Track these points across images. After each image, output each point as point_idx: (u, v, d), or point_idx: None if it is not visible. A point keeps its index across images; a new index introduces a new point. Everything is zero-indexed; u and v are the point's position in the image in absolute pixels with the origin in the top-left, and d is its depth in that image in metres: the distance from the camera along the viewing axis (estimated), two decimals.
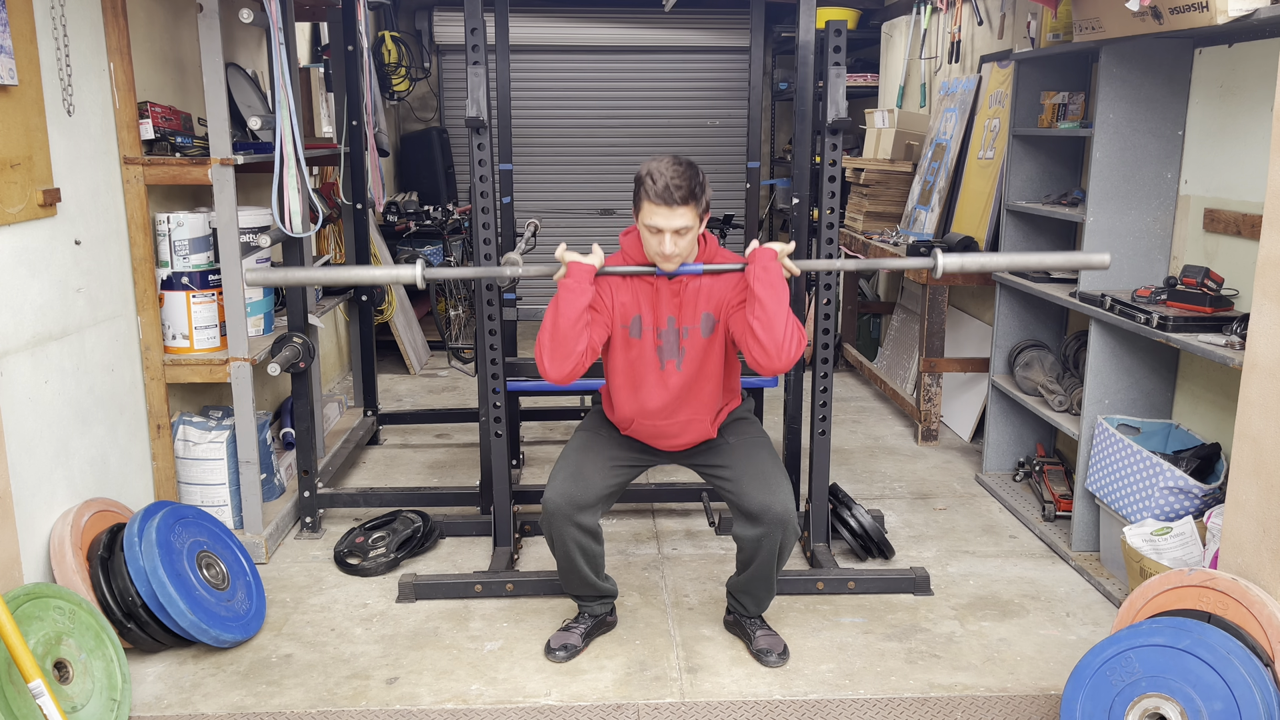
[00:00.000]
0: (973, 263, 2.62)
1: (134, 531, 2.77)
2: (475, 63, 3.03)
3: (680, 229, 2.54)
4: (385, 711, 2.61)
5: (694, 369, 2.72)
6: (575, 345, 2.55)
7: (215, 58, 3.12)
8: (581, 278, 2.59)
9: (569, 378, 2.58)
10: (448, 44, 7.38)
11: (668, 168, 2.51)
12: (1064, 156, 4.01)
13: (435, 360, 6.43)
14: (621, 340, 2.72)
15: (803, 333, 2.56)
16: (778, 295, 2.52)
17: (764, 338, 2.50)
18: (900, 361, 5.52)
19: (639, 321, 2.70)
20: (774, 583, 2.83)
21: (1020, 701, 2.66)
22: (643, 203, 2.54)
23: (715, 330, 2.69)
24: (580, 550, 2.75)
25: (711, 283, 2.68)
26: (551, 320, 2.57)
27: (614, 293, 2.70)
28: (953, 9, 4.99)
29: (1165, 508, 2.99)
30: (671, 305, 2.69)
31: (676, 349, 2.70)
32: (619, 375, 2.77)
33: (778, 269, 2.56)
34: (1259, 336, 2.32)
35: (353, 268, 2.69)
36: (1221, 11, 2.67)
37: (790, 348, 2.51)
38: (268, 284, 2.70)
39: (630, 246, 2.73)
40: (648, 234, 2.58)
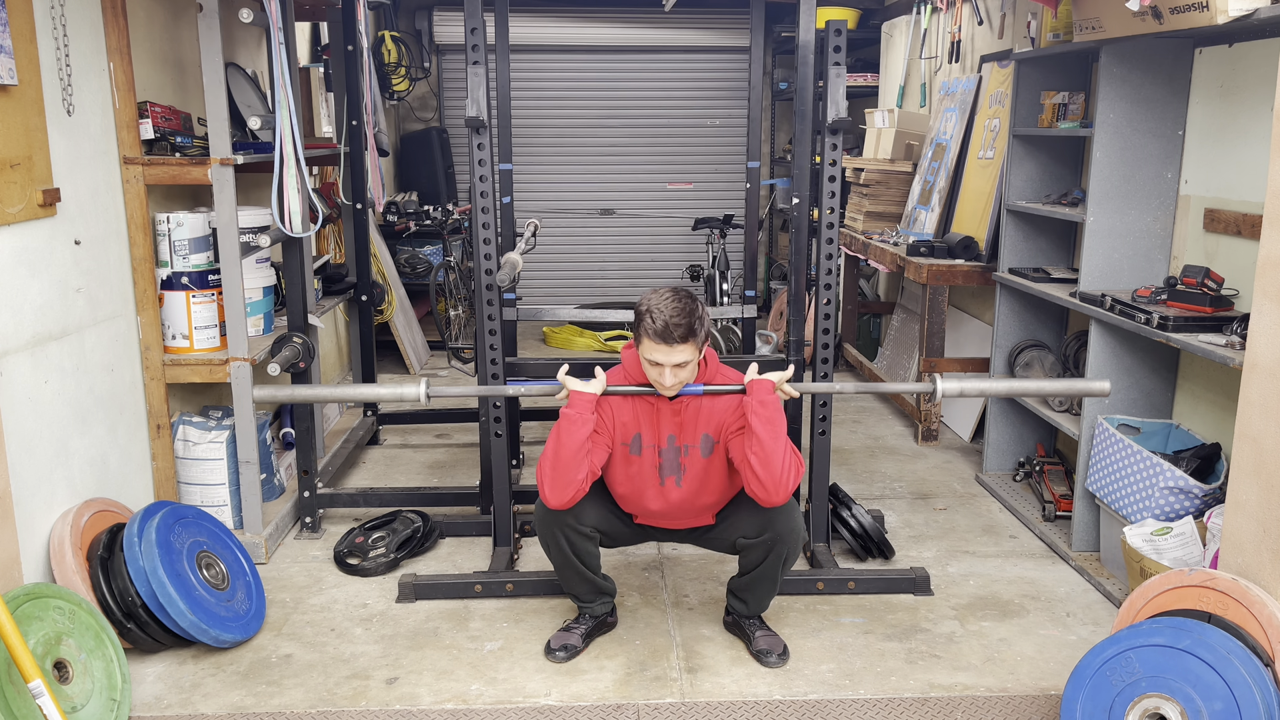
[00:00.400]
0: (973, 388, 2.66)
1: (134, 531, 2.77)
2: (475, 63, 3.03)
3: (680, 363, 2.58)
4: (385, 711, 2.61)
5: (695, 486, 2.76)
6: (576, 474, 2.60)
7: (215, 58, 3.12)
8: (583, 407, 2.62)
9: (570, 504, 2.63)
10: (448, 44, 7.38)
11: (667, 305, 2.55)
12: (1064, 156, 4.01)
13: (435, 360, 6.43)
14: (622, 457, 2.76)
15: (800, 463, 2.61)
16: (775, 431, 2.57)
17: (762, 475, 2.56)
18: (900, 361, 5.52)
19: (639, 440, 2.74)
20: (778, 585, 2.84)
21: (1020, 701, 2.66)
22: (643, 338, 2.59)
23: (715, 451, 2.73)
24: (574, 550, 2.76)
25: (711, 403, 2.72)
26: (554, 449, 2.61)
27: (615, 412, 2.74)
28: (953, 9, 4.99)
29: (1165, 508, 2.99)
30: (672, 424, 2.73)
31: (677, 466, 2.75)
32: (620, 486, 2.81)
33: (775, 401, 2.60)
34: (1259, 336, 2.32)
35: (359, 386, 2.81)
36: (1221, 11, 2.67)
37: (787, 482, 2.57)
38: (276, 402, 2.76)
39: (631, 363, 2.75)
40: (648, 365, 2.62)
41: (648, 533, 2.93)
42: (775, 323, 6.60)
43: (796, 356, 3.40)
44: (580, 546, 2.76)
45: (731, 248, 7.28)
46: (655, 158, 7.76)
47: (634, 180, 7.79)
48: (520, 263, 3.52)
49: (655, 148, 7.74)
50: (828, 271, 3.22)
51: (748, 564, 2.80)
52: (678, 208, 7.82)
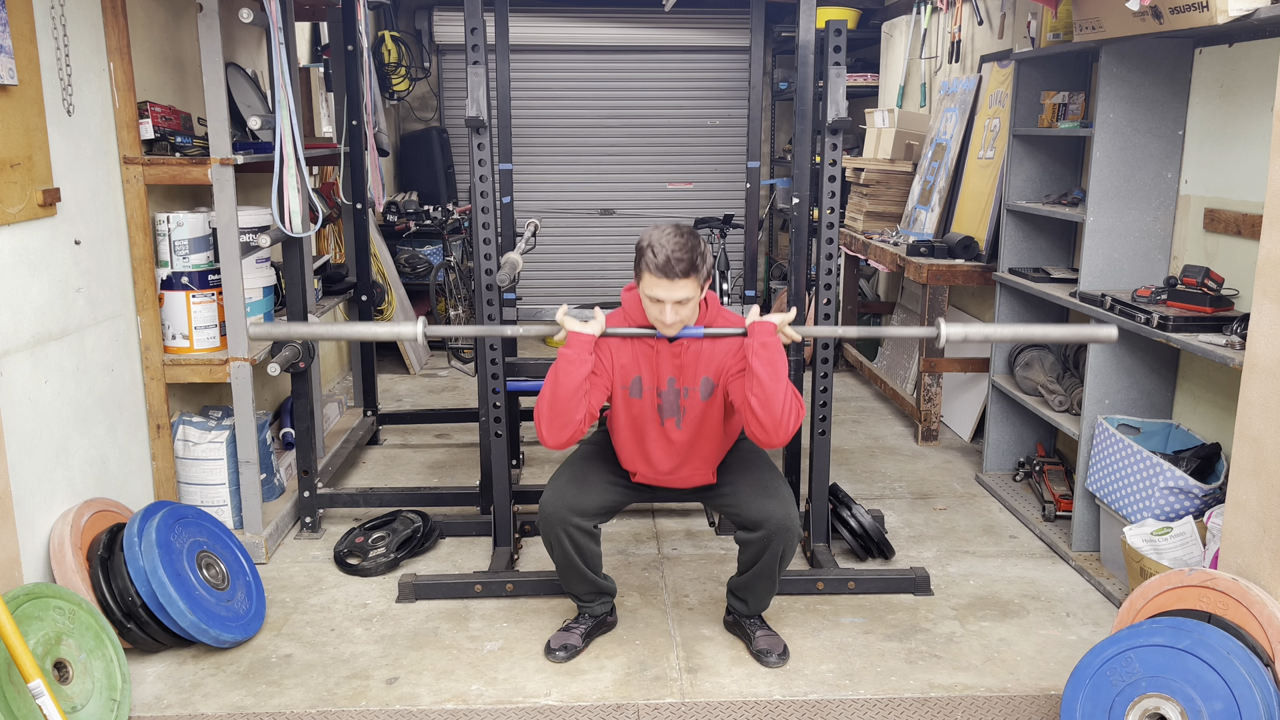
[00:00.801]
0: (976, 333, 2.63)
1: (134, 531, 2.77)
2: (475, 63, 3.03)
3: (681, 300, 2.55)
4: (385, 711, 2.61)
5: (694, 428, 2.75)
6: (574, 415, 2.57)
7: (215, 58, 3.12)
8: (582, 348, 2.59)
9: (567, 444, 2.62)
10: (448, 44, 7.38)
11: (669, 239, 2.52)
12: (1064, 156, 4.01)
13: (435, 360, 6.44)
14: (622, 399, 2.75)
15: (801, 405, 2.58)
16: (776, 372, 2.53)
17: (762, 416, 2.53)
18: (900, 361, 5.52)
19: (639, 382, 2.72)
20: (776, 583, 2.84)
21: (1020, 701, 2.66)
22: (644, 273, 2.55)
23: (714, 394, 2.72)
24: (577, 549, 2.75)
25: (712, 346, 2.69)
26: (551, 389, 2.58)
27: (614, 354, 2.71)
28: (953, 9, 4.99)
29: (1165, 508, 2.99)
30: (672, 366, 2.71)
31: (677, 408, 2.73)
32: (622, 430, 2.79)
33: (776, 343, 2.57)
34: (1259, 336, 2.32)
35: (354, 324, 2.75)
36: (1221, 11, 2.67)
37: (788, 424, 2.54)
38: (271, 338, 2.73)
39: (631, 305, 2.73)
40: (649, 302, 2.59)
41: (651, 492, 2.90)
42: None
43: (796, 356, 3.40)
44: (583, 545, 2.75)
45: (731, 248, 7.28)
46: (655, 158, 7.76)
47: (634, 180, 7.79)
48: (520, 263, 3.52)
49: (655, 148, 7.74)
50: (828, 271, 3.22)
51: (745, 561, 2.80)
52: (678, 208, 7.82)
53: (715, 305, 2.74)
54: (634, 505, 3.86)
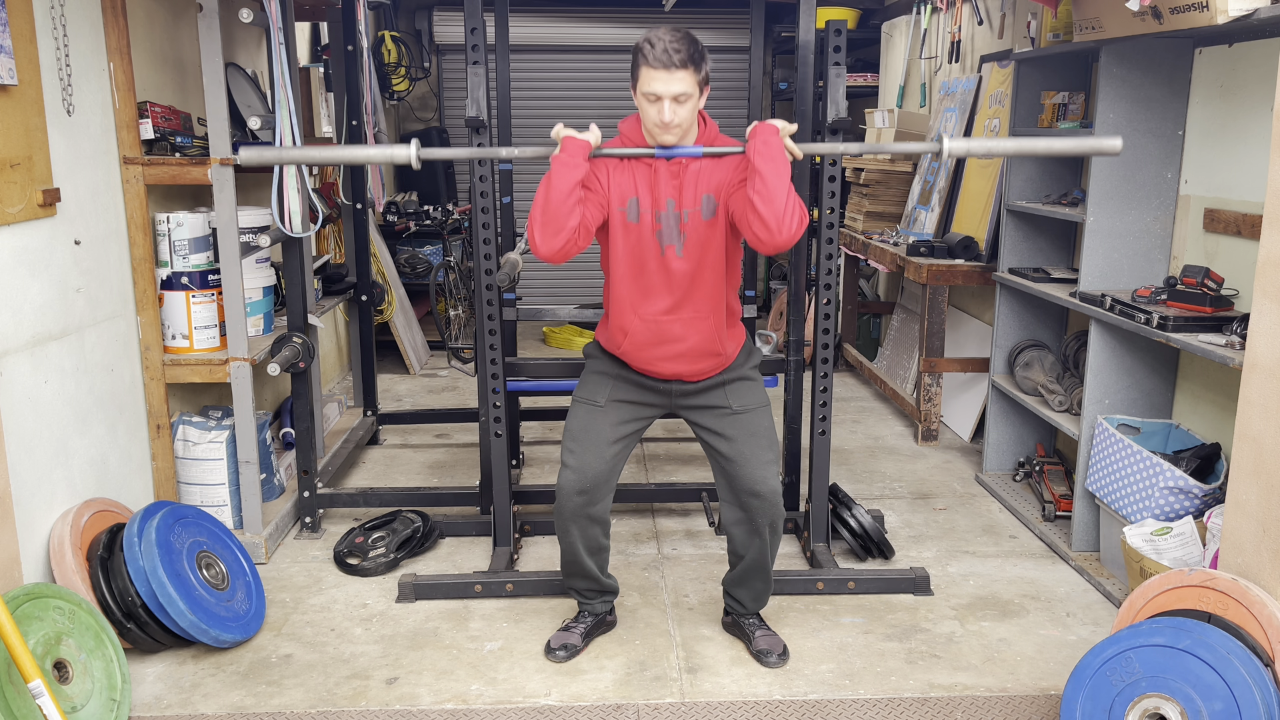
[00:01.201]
0: (979, 147, 2.58)
1: (134, 531, 2.77)
2: (475, 63, 3.03)
3: (679, 95, 2.45)
4: (385, 711, 2.61)
5: (696, 255, 2.60)
6: (567, 220, 2.45)
7: (215, 58, 3.12)
8: (576, 152, 2.51)
9: (560, 254, 2.48)
10: (448, 44, 7.38)
11: (667, 34, 2.44)
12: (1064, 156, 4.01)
13: (435, 360, 6.43)
14: (620, 226, 2.62)
15: (804, 210, 2.46)
16: (778, 169, 2.42)
17: (764, 211, 2.39)
18: (900, 361, 5.52)
19: (636, 204, 2.60)
20: (769, 574, 2.83)
21: (1020, 701, 2.66)
22: (641, 69, 2.45)
23: (716, 213, 2.59)
24: (588, 544, 2.76)
25: (712, 165, 2.60)
26: (544, 194, 2.48)
27: (611, 174, 2.61)
28: (953, 9, 4.99)
29: (1165, 508, 2.99)
30: (670, 188, 2.59)
31: (677, 233, 2.60)
32: (619, 264, 2.64)
33: (779, 143, 2.48)
34: (1259, 336, 2.32)
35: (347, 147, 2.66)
36: (1221, 11, 2.67)
37: (791, 222, 2.40)
38: (262, 163, 2.65)
39: (629, 131, 2.65)
40: (646, 104, 2.50)
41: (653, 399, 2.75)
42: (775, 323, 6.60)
43: (796, 356, 3.40)
44: (593, 540, 2.76)
45: None
46: None
47: None
48: (520, 263, 3.52)
49: None
50: (828, 271, 3.22)
51: (735, 549, 2.79)
52: None
53: (714, 128, 2.66)
54: (633, 505, 3.87)
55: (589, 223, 2.53)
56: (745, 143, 2.53)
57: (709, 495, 3.70)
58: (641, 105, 2.52)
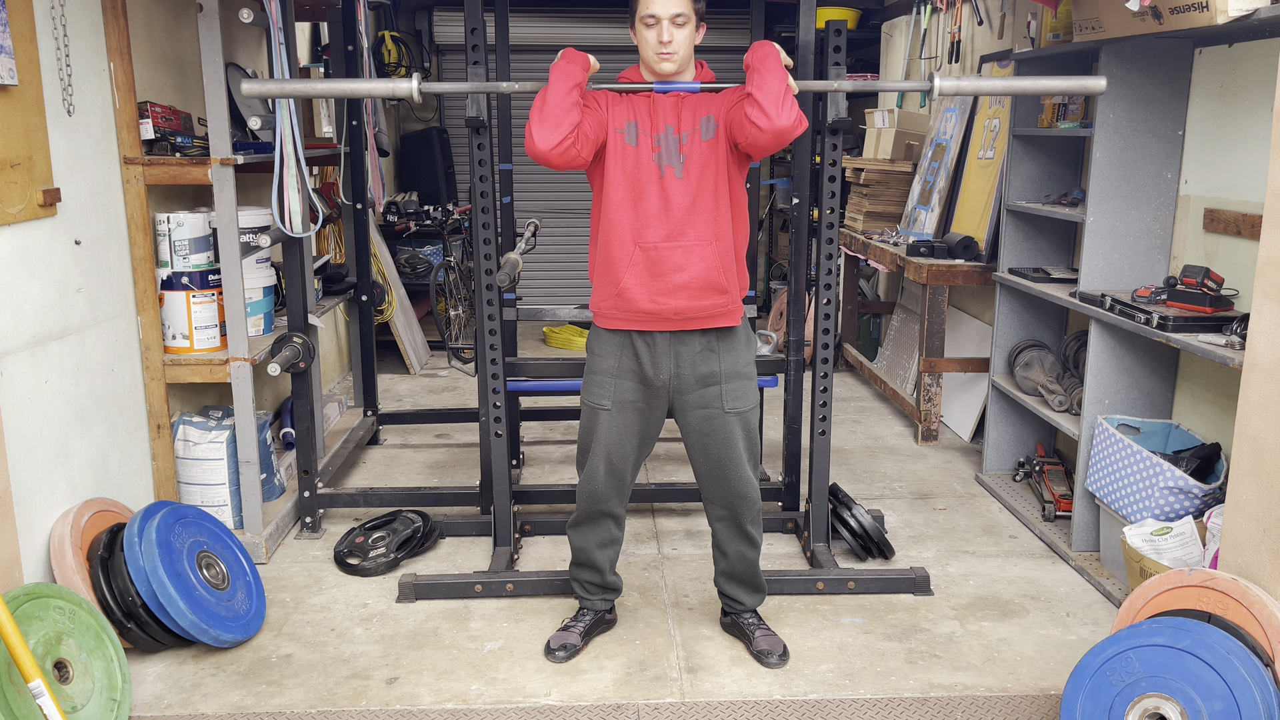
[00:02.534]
0: (968, 86, 2.64)
1: (134, 531, 2.77)
2: (475, 63, 3.03)
3: (676, 15, 2.50)
4: (385, 711, 2.61)
5: (695, 176, 2.58)
6: (565, 116, 2.46)
7: (215, 58, 3.12)
8: (575, 59, 2.56)
9: (556, 152, 2.46)
10: (448, 44, 7.38)
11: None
12: (1064, 156, 4.01)
13: (435, 360, 6.43)
14: (618, 148, 2.60)
15: (802, 114, 2.50)
16: (775, 69, 2.48)
17: (762, 99, 2.43)
18: (900, 361, 5.52)
19: (634, 128, 2.60)
20: (758, 567, 2.87)
21: (1020, 701, 2.66)
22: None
23: (716, 134, 2.60)
24: (600, 539, 2.83)
25: (710, 96, 2.63)
26: (542, 95, 2.50)
27: (610, 101, 2.63)
28: (953, 9, 4.99)
29: (1165, 508, 2.99)
30: (670, 115, 2.62)
31: (676, 154, 2.59)
32: (617, 189, 2.60)
33: (777, 54, 2.54)
34: (1259, 336, 2.32)
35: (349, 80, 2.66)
36: (1221, 11, 2.67)
37: (789, 110, 2.44)
38: (265, 94, 2.65)
39: (628, 78, 2.68)
40: (644, 30, 2.54)
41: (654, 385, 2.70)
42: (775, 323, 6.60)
43: (796, 356, 3.40)
44: (607, 534, 2.82)
45: None
46: None
47: None
48: (520, 263, 3.52)
49: None
50: (828, 271, 3.22)
51: (719, 542, 2.85)
52: None
53: (712, 75, 2.70)
54: (633, 505, 3.87)
55: (587, 130, 2.53)
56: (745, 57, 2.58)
57: None
58: (640, 34, 2.57)
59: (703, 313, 2.63)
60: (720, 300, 2.63)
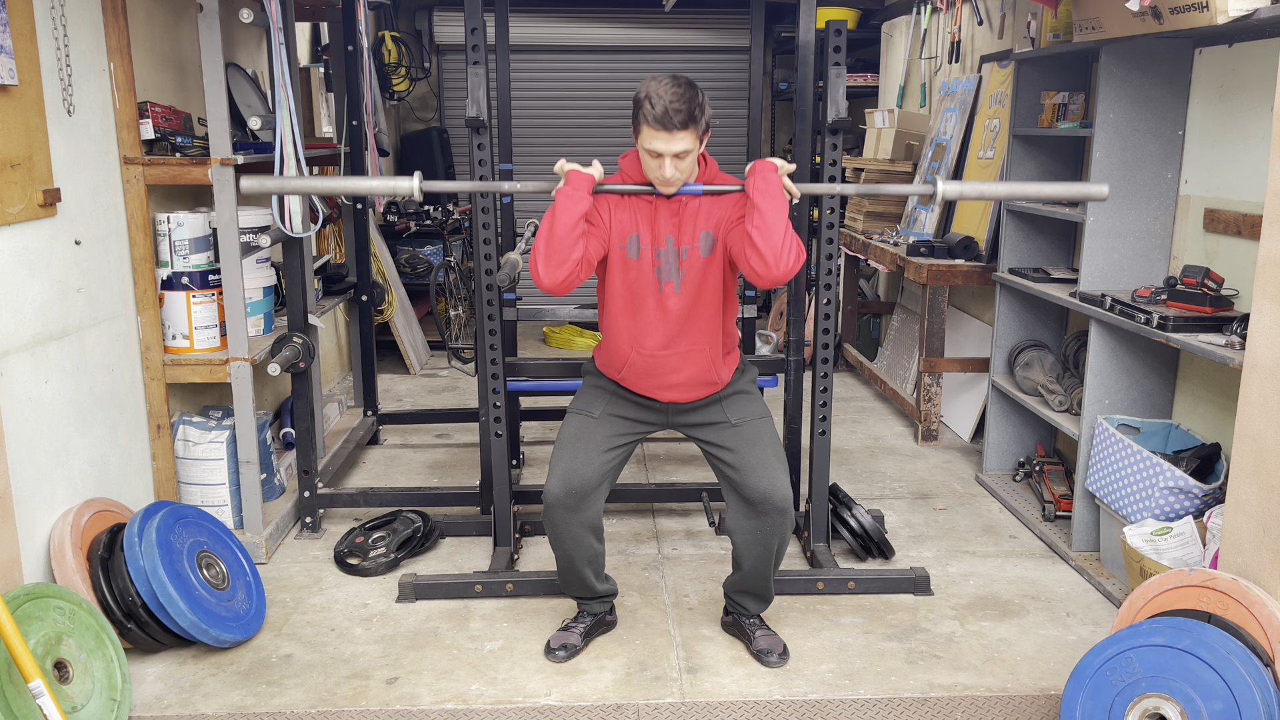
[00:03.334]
0: (972, 190, 2.62)
1: (134, 531, 2.77)
2: (475, 63, 3.03)
3: (680, 153, 2.50)
4: (385, 711, 2.61)
5: (693, 291, 2.63)
6: (570, 252, 2.48)
7: (215, 58, 3.12)
8: (580, 186, 2.55)
9: (562, 286, 2.50)
10: (448, 44, 7.38)
11: (667, 90, 2.46)
12: (1064, 156, 4.01)
13: (435, 360, 6.43)
14: (619, 261, 2.65)
15: (802, 247, 2.50)
16: (776, 205, 2.46)
17: (762, 245, 2.43)
18: (900, 361, 5.52)
19: (636, 241, 2.63)
20: (771, 580, 2.82)
21: (1020, 701, 2.66)
22: (642, 127, 2.49)
23: (715, 250, 2.62)
24: (580, 551, 2.75)
25: (712, 202, 2.63)
26: (548, 227, 2.51)
27: (612, 211, 2.64)
28: (953, 9, 4.99)
29: (1165, 508, 2.99)
30: (670, 225, 2.63)
31: (675, 269, 2.63)
32: (617, 299, 2.68)
33: (778, 181, 2.51)
34: (1259, 336, 2.32)
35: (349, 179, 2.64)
36: (1221, 11, 2.67)
37: (789, 257, 2.44)
38: (264, 192, 2.65)
39: (629, 168, 2.68)
40: (647, 158, 2.54)
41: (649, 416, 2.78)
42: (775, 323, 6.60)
43: (796, 356, 3.40)
44: (588, 547, 2.75)
45: None
46: None
47: None
48: (520, 263, 3.51)
49: None
50: (828, 271, 3.22)
51: (737, 555, 2.77)
52: None
53: (714, 166, 2.69)
54: (633, 505, 3.87)
55: (591, 256, 2.57)
56: (744, 180, 2.56)
57: (709, 495, 3.71)
58: (643, 156, 2.56)
59: (696, 398, 2.78)
60: (712, 388, 2.76)
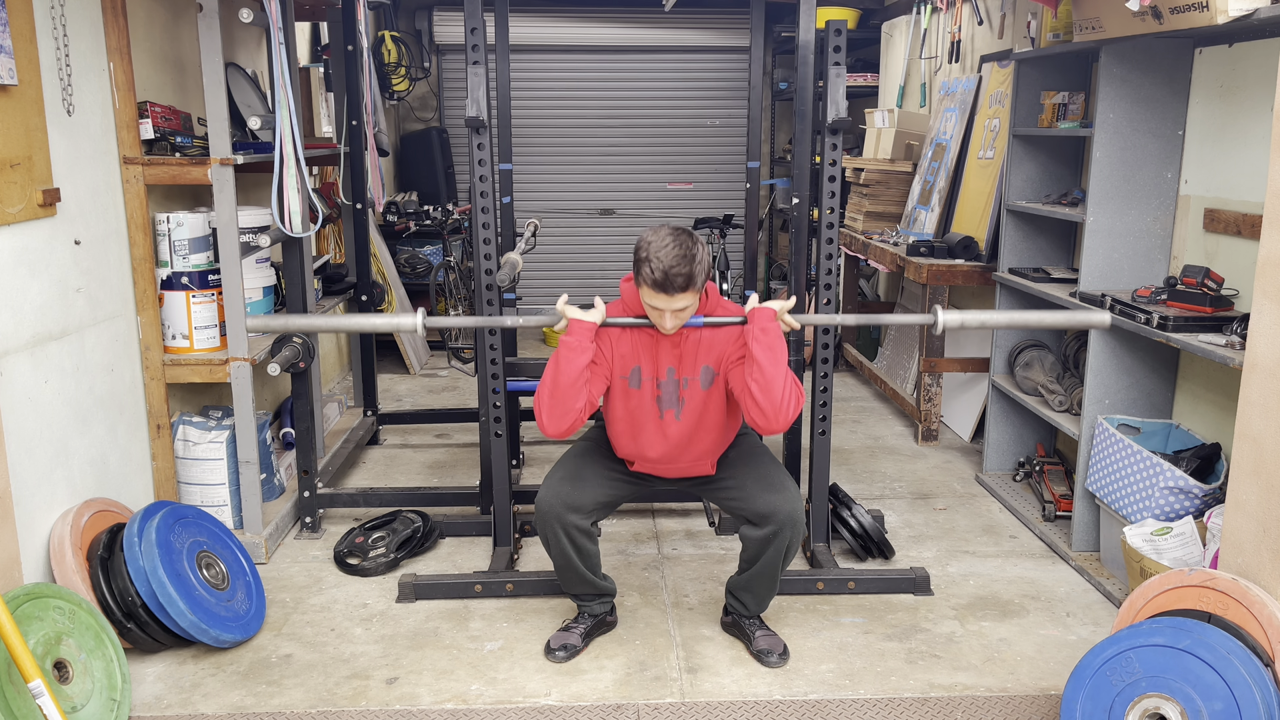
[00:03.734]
0: (973, 320, 2.67)
1: (134, 531, 2.77)
2: (475, 63, 3.03)
3: (680, 309, 2.57)
4: (385, 711, 2.61)
5: (694, 420, 2.74)
6: (574, 403, 2.57)
7: (215, 58, 3.12)
8: (583, 335, 2.60)
9: (567, 433, 2.61)
10: (448, 44, 7.38)
11: (668, 253, 2.48)
12: (1064, 156, 4.01)
13: (435, 360, 6.44)
14: (620, 390, 2.74)
15: (801, 392, 2.59)
16: (775, 357, 2.54)
17: (762, 401, 2.53)
18: (900, 361, 5.52)
19: (638, 372, 2.72)
20: (777, 582, 2.83)
21: (1020, 701, 2.66)
22: (643, 285, 2.55)
23: (714, 383, 2.71)
24: (575, 549, 2.75)
25: (712, 335, 2.70)
26: (551, 377, 2.59)
27: (614, 344, 2.72)
28: (953, 9, 4.99)
29: (1165, 508, 2.99)
30: (671, 356, 2.71)
31: (676, 399, 2.72)
32: (619, 422, 2.79)
33: (776, 329, 2.58)
34: (1259, 336, 2.32)
35: (354, 316, 2.74)
36: (1221, 11, 2.67)
37: (788, 410, 2.54)
38: (268, 330, 2.74)
39: (630, 296, 2.73)
40: (649, 307, 2.60)
41: (649, 483, 2.88)
42: None
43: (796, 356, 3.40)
44: (581, 545, 2.75)
45: (731, 248, 7.28)
46: (655, 158, 7.76)
47: (634, 180, 7.79)
48: (520, 263, 3.52)
49: (655, 148, 7.74)
50: (828, 271, 3.22)
51: (748, 557, 2.78)
52: (678, 208, 7.82)
53: (715, 295, 2.73)
54: (633, 505, 3.87)
55: (594, 398, 2.65)
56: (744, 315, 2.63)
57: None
58: (644, 302, 2.61)
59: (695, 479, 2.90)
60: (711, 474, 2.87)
